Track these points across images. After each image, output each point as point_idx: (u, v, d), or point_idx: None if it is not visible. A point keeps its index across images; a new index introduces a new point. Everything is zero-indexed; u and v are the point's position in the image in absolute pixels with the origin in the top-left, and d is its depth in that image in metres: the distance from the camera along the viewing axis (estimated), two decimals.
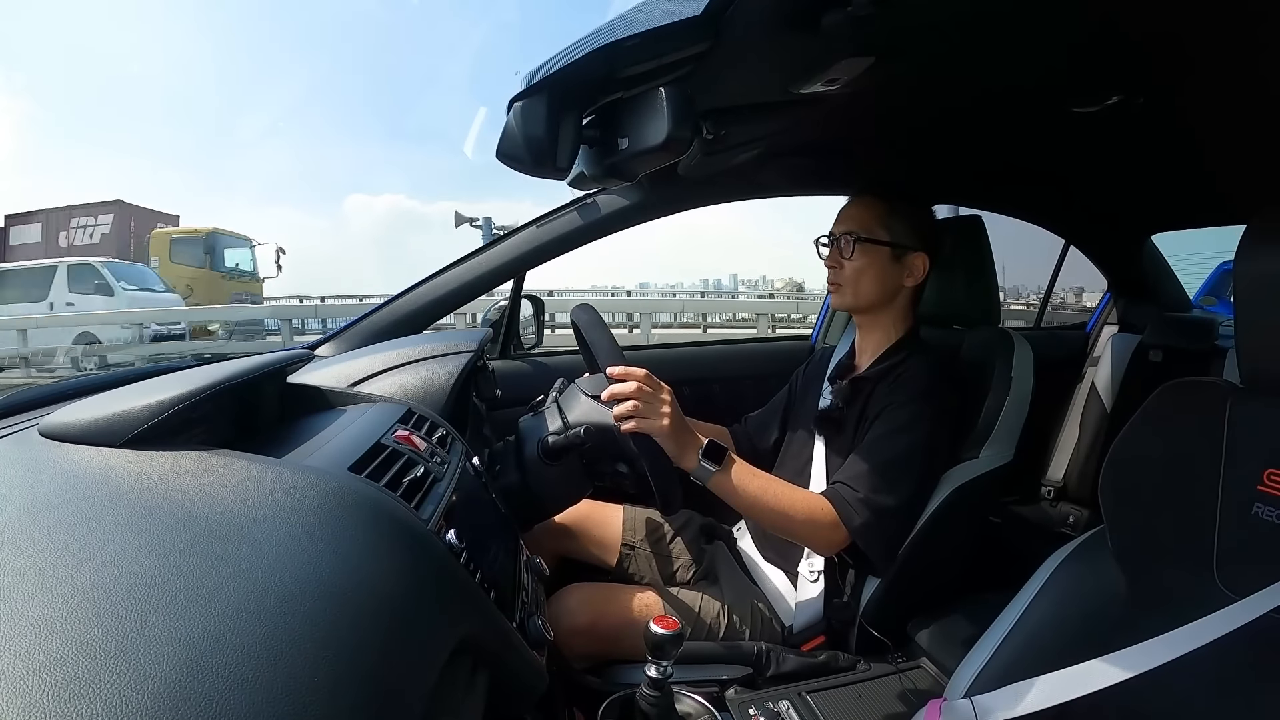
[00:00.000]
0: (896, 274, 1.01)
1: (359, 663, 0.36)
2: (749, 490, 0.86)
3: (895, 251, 1.00)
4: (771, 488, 0.88)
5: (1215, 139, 1.04)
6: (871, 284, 1.01)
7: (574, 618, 0.93)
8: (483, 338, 1.05)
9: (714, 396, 1.50)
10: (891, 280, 1.01)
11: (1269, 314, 0.65)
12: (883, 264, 1.00)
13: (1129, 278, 1.77)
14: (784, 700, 0.86)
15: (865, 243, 1.00)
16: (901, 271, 1.01)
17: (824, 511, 0.88)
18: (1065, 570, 0.78)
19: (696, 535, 1.16)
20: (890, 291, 1.02)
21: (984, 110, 0.98)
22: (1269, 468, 0.65)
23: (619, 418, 0.82)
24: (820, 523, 0.88)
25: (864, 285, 1.01)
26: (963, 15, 0.65)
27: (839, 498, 0.89)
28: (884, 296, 1.02)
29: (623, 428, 0.81)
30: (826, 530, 0.88)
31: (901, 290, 1.03)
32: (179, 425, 0.49)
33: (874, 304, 1.03)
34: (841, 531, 0.88)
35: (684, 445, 0.84)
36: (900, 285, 1.02)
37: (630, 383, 0.82)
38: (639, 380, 0.82)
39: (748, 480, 0.87)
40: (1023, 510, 1.76)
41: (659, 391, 0.83)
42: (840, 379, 1.06)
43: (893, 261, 1.00)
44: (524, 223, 1.26)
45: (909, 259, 1.00)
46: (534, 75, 0.59)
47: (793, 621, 1.00)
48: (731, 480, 0.86)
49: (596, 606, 0.96)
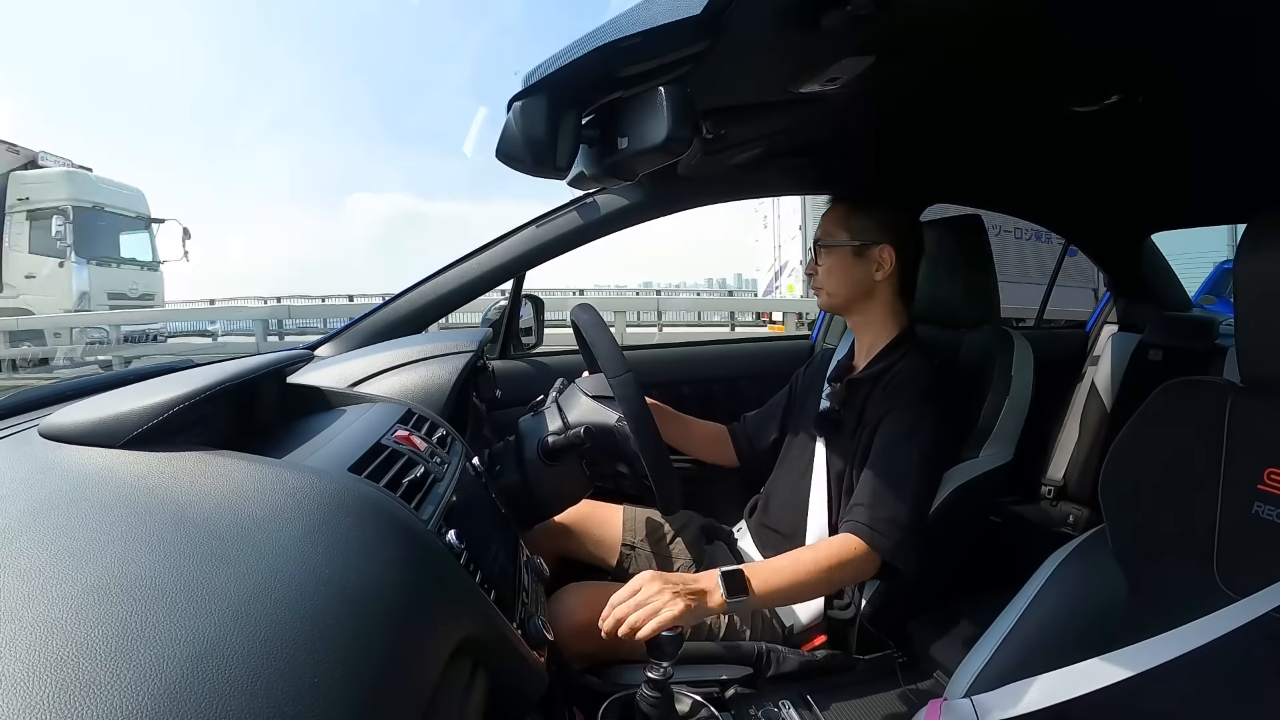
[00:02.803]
0: (863, 269, 1.03)
1: (359, 663, 0.36)
2: (782, 582, 0.84)
3: (855, 249, 1.03)
4: (800, 558, 0.86)
5: (1215, 138, 1.04)
6: (840, 283, 1.05)
7: (573, 616, 0.93)
8: (483, 338, 1.05)
9: (714, 396, 1.49)
10: (859, 275, 1.04)
11: (1269, 313, 0.65)
12: (846, 263, 1.04)
13: (1129, 277, 1.77)
14: (784, 700, 0.86)
15: (827, 246, 1.05)
16: (868, 266, 1.03)
17: (856, 547, 0.87)
18: (1065, 570, 0.78)
19: (697, 535, 1.16)
20: (861, 286, 1.04)
21: (984, 109, 0.98)
22: (1269, 466, 0.65)
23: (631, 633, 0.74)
24: (858, 559, 0.87)
25: (835, 285, 1.05)
26: (963, 15, 0.65)
27: (862, 527, 0.88)
28: (856, 292, 1.05)
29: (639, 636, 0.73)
30: (864, 563, 0.87)
31: (875, 285, 1.04)
32: (179, 426, 0.49)
33: (850, 300, 1.06)
34: (876, 558, 0.88)
35: (704, 599, 0.78)
36: (870, 279, 1.04)
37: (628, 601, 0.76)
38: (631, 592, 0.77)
39: (773, 574, 0.84)
40: (1023, 510, 1.76)
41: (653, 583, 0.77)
42: (838, 380, 1.07)
43: (855, 258, 1.03)
44: (524, 223, 1.26)
45: (871, 253, 1.03)
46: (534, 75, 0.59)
47: (793, 621, 1.00)
48: (762, 586, 0.82)
49: (596, 605, 0.95)
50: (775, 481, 1.14)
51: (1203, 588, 0.67)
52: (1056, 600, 0.76)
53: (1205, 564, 0.68)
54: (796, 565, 0.86)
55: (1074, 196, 1.50)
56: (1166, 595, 0.70)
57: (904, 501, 0.89)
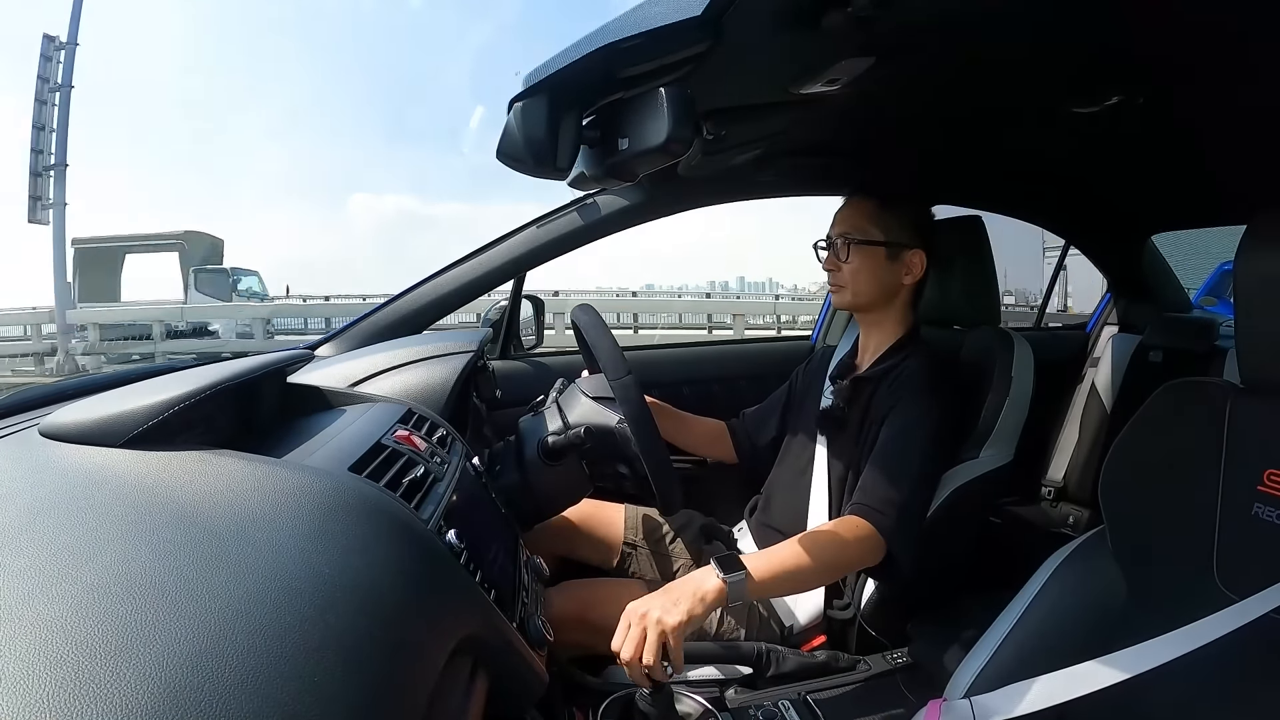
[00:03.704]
0: (894, 272, 1.01)
1: (359, 662, 0.36)
2: (784, 566, 0.80)
3: (890, 250, 1.00)
4: (801, 541, 0.82)
5: (1216, 139, 1.04)
6: (869, 284, 1.01)
7: (562, 608, 0.92)
8: (483, 338, 1.05)
9: (714, 396, 1.49)
10: (889, 278, 1.01)
11: (1269, 314, 0.65)
12: (879, 263, 1.00)
13: (1129, 278, 1.77)
14: (784, 700, 0.86)
15: (860, 244, 1.00)
16: (899, 269, 1.01)
17: (858, 527, 0.85)
18: (1065, 570, 0.78)
19: (697, 535, 1.16)
20: (889, 289, 1.02)
21: (984, 110, 0.98)
22: (1269, 468, 0.65)
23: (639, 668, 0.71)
24: (860, 541, 0.84)
25: (862, 285, 1.01)
26: (963, 16, 0.65)
27: (864, 508, 0.87)
28: (883, 295, 1.02)
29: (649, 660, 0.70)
30: (867, 545, 0.85)
31: (901, 288, 1.03)
32: (179, 425, 0.50)
33: (874, 302, 1.03)
34: (878, 541, 0.85)
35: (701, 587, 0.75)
36: (899, 283, 1.02)
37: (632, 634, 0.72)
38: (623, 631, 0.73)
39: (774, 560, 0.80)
40: (1023, 510, 1.76)
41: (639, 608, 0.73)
42: (842, 378, 1.06)
43: (889, 260, 1.00)
44: (524, 223, 1.26)
45: (905, 256, 1.01)
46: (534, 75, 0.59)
47: (792, 621, 1.00)
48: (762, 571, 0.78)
49: (583, 598, 0.96)
50: (775, 480, 1.14)
51: (1202, 589, 0.67)
52: (1056, 601, 0.76)
53: (1205, 565, 0.68)
54: (797, 549, 0.82)
55: (1074, 197, 1.50)
56: (1166, 596, 0.70)
57: (906, 490, 0.88)
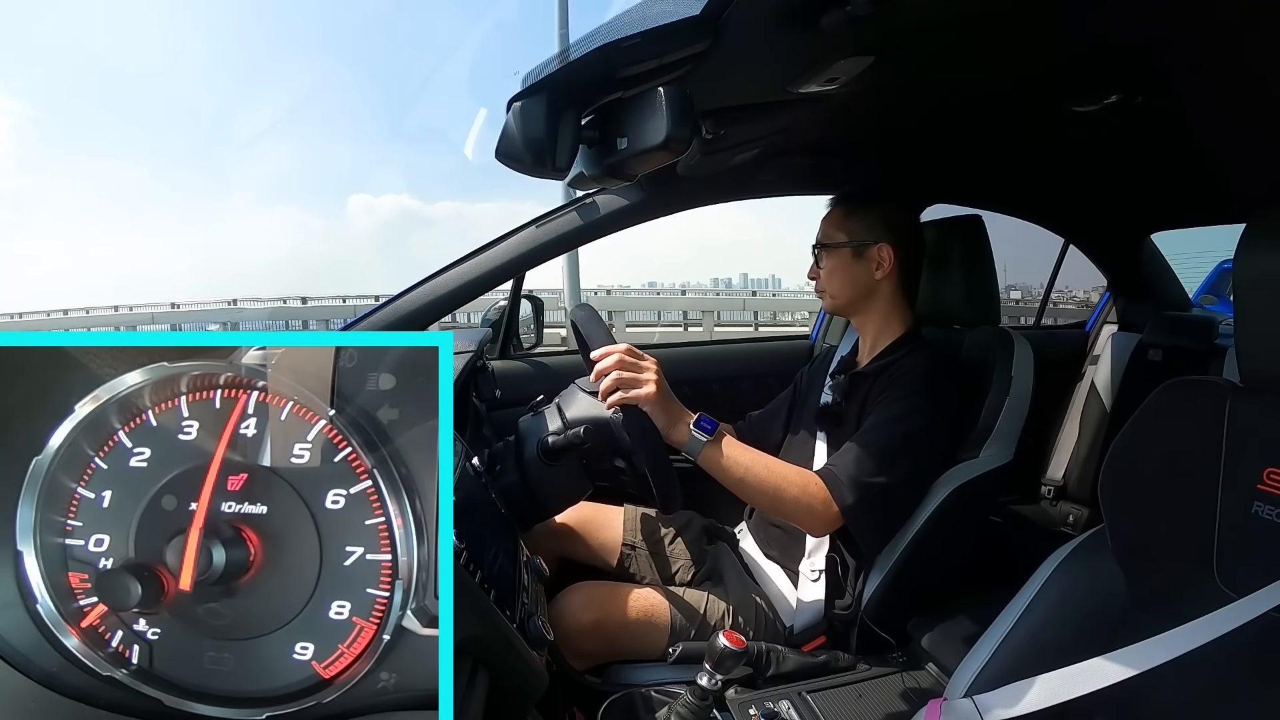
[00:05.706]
0: (863, 270, 1.04)
1: None
2: (740, 462, 0.86)
3: (855, 249, 1.04)
4: (763, 461, 0.88)
5: (1215, 138, 1.04)
6: (843, 285, 1.06)
7: (579, 617, 0.93)
8: (483, 338, 1.05)
9: (714, 396, 1.49)
10: (861, 277, 1.05)
11: (1268, 313, 0.65)
12: (846, 263, 1.05)
13: (1129, 277, 1.77)
14: (784, 700, 0.86)
15: (828, 248, 1.06)
16: (867, 266, 1.04)
17: (816, 486, 0.88)
18: (1065, 570, 0.78)
19: (698, 536, 1.16)
20: (864, 287, 1.05)
21: (983, 109, 0.98)
22: (1269, 466, 0.65)
23: (605, 395, 0.82)
24: (813, 497, 0.88)
25: (836, 286, 1.06)
26: (962, 15, 0.65)
27: (831, 476, 0.89)
28: (860, 293, 1.06)
29: (607, 403, 0.82)
30: (820, 507, 0.88)
31: (876, 284, 1.05)
32: None
33: (854, 302, 1.07)
34: (833, 509, 0.88)
35: (673, 416, 0.85)
36: (871, 279, 1.04)
37: (612, 356, 0.83)
38: (620, 354, 0.83)
39: (739, 453, 0.87)
40: (1023, 510, 1.76)
41: (642, 360, 0.84)
42: (840, 375, 1.07)
43: (855, 259, 1.04)
44: (524, 223, 1.26)
45: (870, 252, 1.04)
46: (533, 75, 0.59)
47: (793, 622, 1.00)
48: (723, 452, 0.86)
49: (602, 605, 0.96)
50: None
51: (1202, 587, 0.67)
52: (1057, 600, 0.76)
53: (1205, 564, 0.68)
54: (758, 462, 0.88)
55: (1074, 196, 1.50)
56: (1166, 595, 0.70)
57: (877, 470, 0.89)
